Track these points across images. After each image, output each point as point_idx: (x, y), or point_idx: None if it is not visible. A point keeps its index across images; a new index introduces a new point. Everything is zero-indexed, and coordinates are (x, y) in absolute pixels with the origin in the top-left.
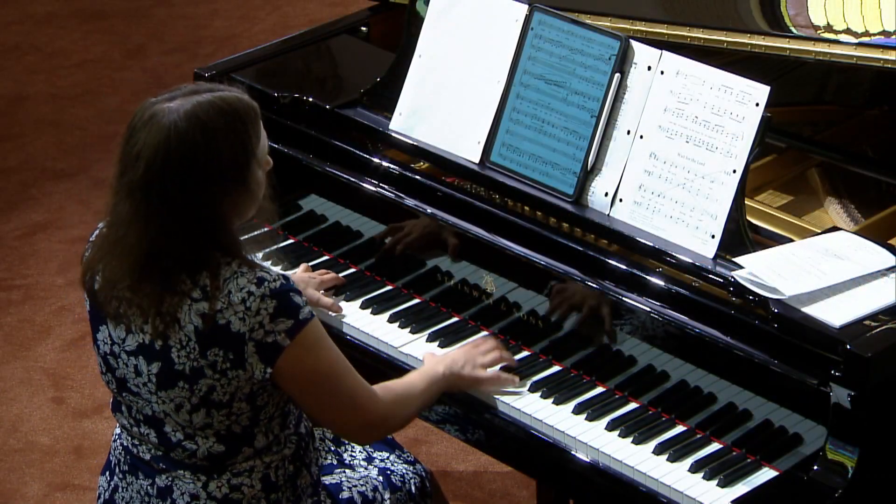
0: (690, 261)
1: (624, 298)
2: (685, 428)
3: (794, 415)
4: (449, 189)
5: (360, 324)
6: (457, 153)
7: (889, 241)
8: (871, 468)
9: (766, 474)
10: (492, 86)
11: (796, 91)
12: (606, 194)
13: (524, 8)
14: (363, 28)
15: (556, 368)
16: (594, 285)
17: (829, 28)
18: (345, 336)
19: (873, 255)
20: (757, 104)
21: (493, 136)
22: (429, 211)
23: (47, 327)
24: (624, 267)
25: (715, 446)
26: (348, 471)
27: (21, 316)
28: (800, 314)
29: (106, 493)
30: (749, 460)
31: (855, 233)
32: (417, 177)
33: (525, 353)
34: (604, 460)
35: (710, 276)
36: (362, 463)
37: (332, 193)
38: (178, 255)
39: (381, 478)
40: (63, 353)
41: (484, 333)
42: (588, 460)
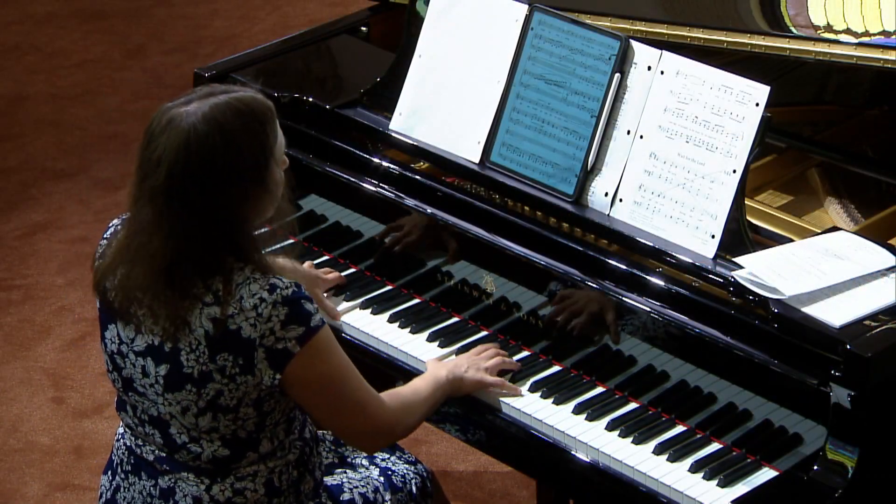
0: (690, 261)
1: (624, 298)
2: (685, 428)
3: (794, 415)
4: (449, 189)
5: (360, 324)
6: (457, 153)
7: (889, 241)
8: (871, 468)
9: (766, 474)
10: (492, 86)
11: (796, 91)
12: (606, 194)
13: (524, 8)
14: (363, 28)
15: (556, 368)
16: (594, 285)
17: (829, 28)
18: (345, 336)
19: (873, 255)
20: (757, 104)
21: (493, 136)
22: (429, 211)
23: (47, 327)
24: (624, 267)
25: (715, 446)
26: (349, 471)
27: (21, 316)
28: (800, 314)
29: (108, 493)
30: (749, 460)
31: (855, 233)
32: (417, 177)
33: (525, 353)
34: (604, 460)
35: (710, 276)
36: (363, 463)
37: (332, 193)
38: (197, 259)
39: (382, 478)
40: (63, 353)
41: (484, 333)
42: (588, 460)
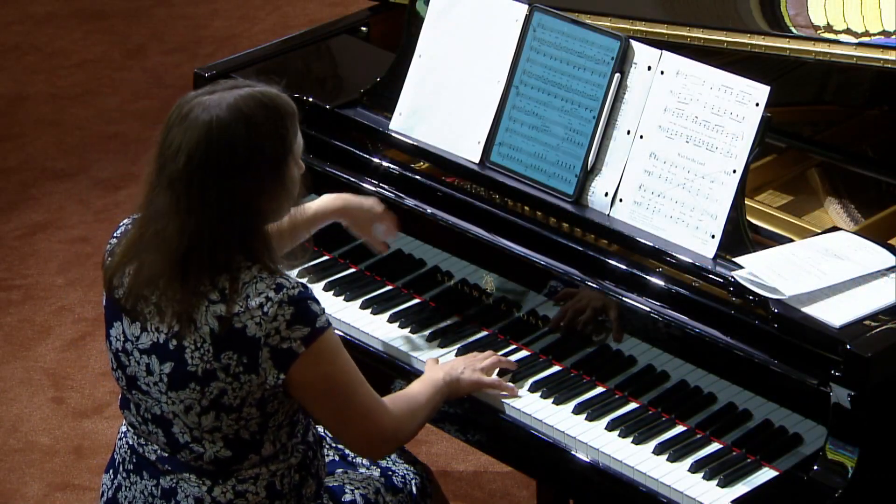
0: (690, 261)
1: (624, 298)
2: (685, 428)
3: (794, 415)
4: (449, 189)
5: (360, 324)
6: (457, 153)
7: (889, 241)
8: (871, 468)
9: (766, 474)
10: (492, 86)
11: (796, 91)
12: (606, 194)
13: (524, 8)
14: (363, 28)
15: (556, 368)
16: (594, 285)
17: (829, 28)
18: (345, 336)
19: (873, 255)
20: (757, 104)
21: (493, 136)
22: (429, 211)
23: (47, 327)
24: (624, 267)
25: (715, 446)
26: (350, 471)
27: (21, 316)
28: (800, 314)
29: (109, 492)
30: (749, 460)
31: (855, 233)
32: (417, 177)
33: (525, 353)
34: (604, 460)
35: (710, 276)
36: (364, 462)
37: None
38: (211, 249)
39: (383, 479)
40: (63, 353)
41: (484, 333)
42: (588, 460)
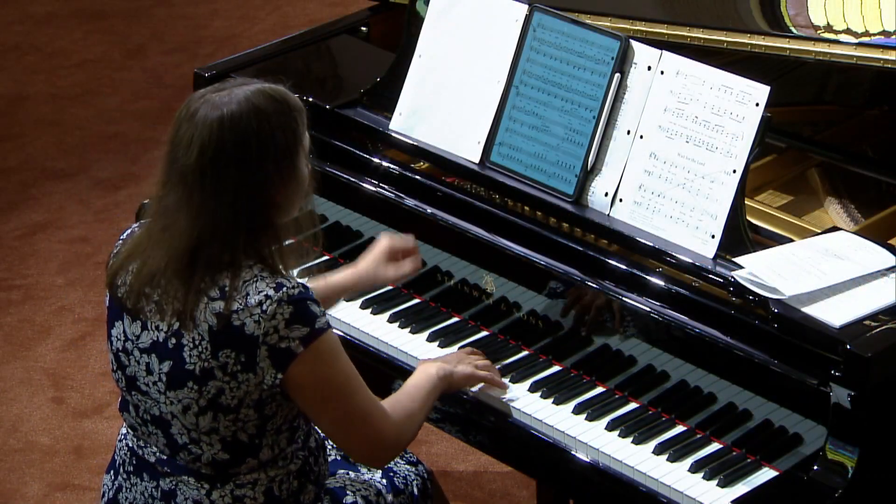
0: (690, 261)
1: (624, 298)
2: (685, 428)
3: (794, 415)
4: (449, 189)
5: (360, 324)
6: (457, 153)
7: (889, 241)
8: (871, 468)
9: (766, 474)
10: (492, 86)
11: (796, 91)
12: (606, 194)
13: (524, 8)
14: (363, 28)
15: (556, 368)
16: (594, 285)
17: (829, 28)
18: (345, 336)
19: (873, 255)
20: (757, 104)
21: (493, 136)
22: (429, 211)
23: (47, 327)
24: (624, 267)
25: (715, 446)
26: (352, 473)
27: (21, 316)
28: (800, 314)
29: (110, 493)
30: (749, 460)
31: (855, 233)
32: (417, 177)
33: (525, 353)
34: (604, 460)
35: (710, 276)
36: None
37: (332, 193)
38: (220, 244)
39: (385, 480)
40: (63, 353)
41: (484, 333)
42: (588, 460)
